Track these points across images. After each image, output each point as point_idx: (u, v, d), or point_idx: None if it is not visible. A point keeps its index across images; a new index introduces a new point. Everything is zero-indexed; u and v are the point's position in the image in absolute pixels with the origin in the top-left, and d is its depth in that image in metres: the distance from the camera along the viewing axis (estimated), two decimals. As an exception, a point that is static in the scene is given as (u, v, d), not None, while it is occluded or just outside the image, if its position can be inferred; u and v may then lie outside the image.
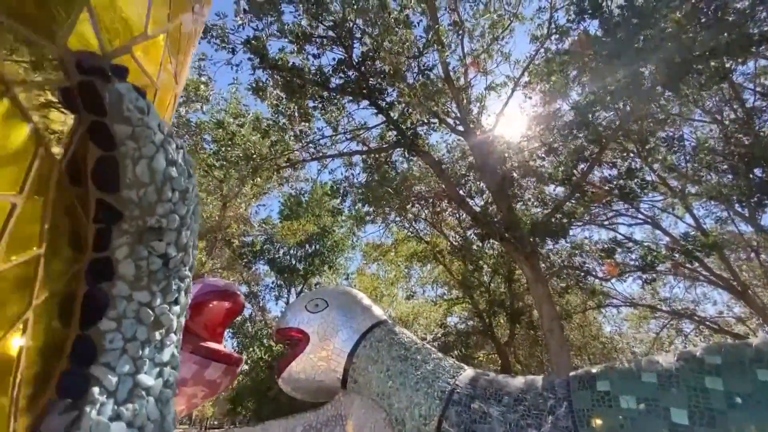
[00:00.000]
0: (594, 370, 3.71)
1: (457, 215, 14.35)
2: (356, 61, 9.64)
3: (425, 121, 10.92)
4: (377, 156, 11.56)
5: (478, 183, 11.99)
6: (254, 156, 10.31)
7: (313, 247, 22.14)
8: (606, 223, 13.79)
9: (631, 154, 11.89)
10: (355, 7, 8.79)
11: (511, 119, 14.40)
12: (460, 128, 11.29)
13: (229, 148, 10.80)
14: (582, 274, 11.29)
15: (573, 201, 10.20)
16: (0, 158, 0.79)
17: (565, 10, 10.36)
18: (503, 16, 11.00)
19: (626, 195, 9.66)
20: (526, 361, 18.66)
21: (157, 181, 1.05)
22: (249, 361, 17.65)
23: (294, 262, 22.18)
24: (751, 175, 9.63)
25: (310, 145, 11.51)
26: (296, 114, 10.31)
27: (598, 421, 3.19)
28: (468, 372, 4.54)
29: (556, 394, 3.67)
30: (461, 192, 11.58)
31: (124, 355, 1.03)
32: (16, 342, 0.87)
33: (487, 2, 10.88)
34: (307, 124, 10.95)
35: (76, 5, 0.93)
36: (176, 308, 1.20)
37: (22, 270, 0.87)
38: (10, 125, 0.81)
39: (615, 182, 10.29)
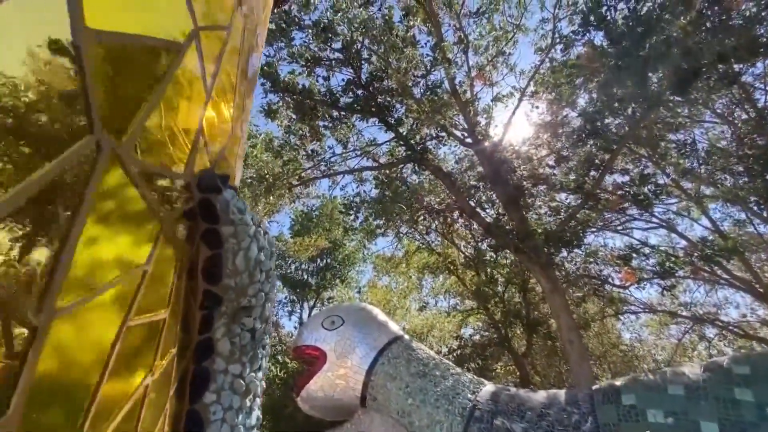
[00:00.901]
0: (618, 383, 3.65)
1: (469, 226, 14.31)
2: (365, 80, 9.86)
3: (434, 135, 11.03)
4: (389, 172, 11.69)
5: (488, 193, 11.99)
6: (267, 176, 10.49)
7: (325, 261, 22.22)
8: (620, 228, 13.60)
9: (643, 159, 11.79)
10: (363, 30, 9.02)
11: (519, 129, 14.43)
12: (469, 140, 11.36)
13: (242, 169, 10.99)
14: (599, 282, 11.09)
15: (586, 208, 10.11)
16: (156, 284, 0.93)
17: (569, 20, 10.48)
18: (508, 31, 11.15)
19: (640, 202, 9.54)
20: (544, 371, 18.27)
21: (251, 267, 1.20)
22: (264, 379, 17.60)
23: (306, 277, 22.25)
24: (767, 176, 9.46)
25: (322, 162, 11.72)
26: (307, 134, 10.53)
27: (626, 437, 3.14)
28: (488, 387, 4.49)
29: (580, 408, 3.61)
30: (472, 203, 11.58)
31: (224, 424, 1.15)
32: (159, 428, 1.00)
33: (489, 17, 11.05)
34: (318, 143, 11.16)
35: (198, 134, 1.08)
36: (260, 374, 1.34)
37: (165, 370, 1.01)
38: (163, 256, 0.94)
39: (629, 189, 10.18)
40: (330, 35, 9.37)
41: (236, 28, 1.26)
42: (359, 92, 10.03)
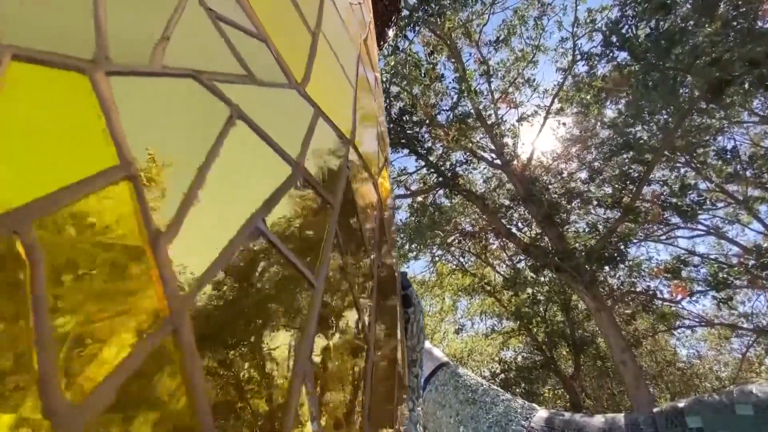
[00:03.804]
0: (681, 405, 3.54)
1: (504, 246, 14.17)
2: (394, 115, 10.33)
3: (464, 160, 11.25)
4: (421, 199, 11.95)
5: (522, 212, 11.93)
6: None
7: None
8: (663, 238, 13.05)
9: (682, 167, 11.43)
10: (392, 72, 9.57)
11: (547, 146, 14.39)
12: (498, 161, 11.46)
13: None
14: (647, 297, 10.62)
15: (627, 221, 9.84)
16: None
17: (588, 36, 10.59)
18: (529, 59, 11.41)
19: (684, 212, 9.20)
20: (595, 394, 17.27)
21: (418, 332, 1.61)
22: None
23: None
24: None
25: (355, 194, 12.10)
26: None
27: (696, 462, 3.04)
28: (541, 412, 4.43)
29: (643, 433, 3.52)
30: (506, 223, 11.53)
31: None
32: None
33: (507, 41, 11.32)
34: (352, 177, 11.59)
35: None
36: (419, 409, 1.68)
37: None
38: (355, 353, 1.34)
39: (670, 200, 9.86)
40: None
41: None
42: (389, 126, 10.42)
